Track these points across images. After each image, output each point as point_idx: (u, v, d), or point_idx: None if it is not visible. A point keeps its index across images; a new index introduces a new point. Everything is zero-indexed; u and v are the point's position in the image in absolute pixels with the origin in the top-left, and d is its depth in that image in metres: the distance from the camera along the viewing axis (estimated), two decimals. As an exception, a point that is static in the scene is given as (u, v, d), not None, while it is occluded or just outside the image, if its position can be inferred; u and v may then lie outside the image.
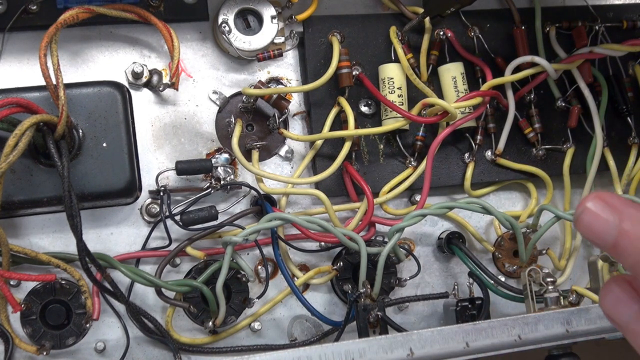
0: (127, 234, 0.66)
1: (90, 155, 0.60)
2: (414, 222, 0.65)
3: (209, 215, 0.64)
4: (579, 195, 0.76)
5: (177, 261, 0.66)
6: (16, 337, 0.61)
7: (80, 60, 0.66)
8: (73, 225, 0.54)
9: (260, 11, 0.68)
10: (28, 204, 0.59)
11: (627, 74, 0.77)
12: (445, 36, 0.72)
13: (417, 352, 0.48)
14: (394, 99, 0.69)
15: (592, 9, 0.76)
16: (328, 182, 0.69)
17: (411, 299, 0.66)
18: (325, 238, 0.67)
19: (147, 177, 0.66)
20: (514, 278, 0.73)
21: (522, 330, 0.52)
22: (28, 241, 0.63)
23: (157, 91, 0.67)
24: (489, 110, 0.73)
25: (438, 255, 0.73)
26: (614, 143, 0.76)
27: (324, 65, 0.69)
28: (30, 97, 0.58)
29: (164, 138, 0.67)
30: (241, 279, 0.65)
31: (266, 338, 0.68)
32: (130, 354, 0.65)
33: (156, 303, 0.65)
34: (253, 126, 0.70)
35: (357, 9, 0.73)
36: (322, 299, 0.70)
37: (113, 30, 0.67)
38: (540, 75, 0.72)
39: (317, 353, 0.48)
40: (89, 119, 0.60)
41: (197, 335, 0.67)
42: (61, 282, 0.61)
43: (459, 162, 0.73)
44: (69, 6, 0.60)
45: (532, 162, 0.74)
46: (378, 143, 0.71)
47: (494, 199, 0.75)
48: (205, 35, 0.69)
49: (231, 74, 0.69)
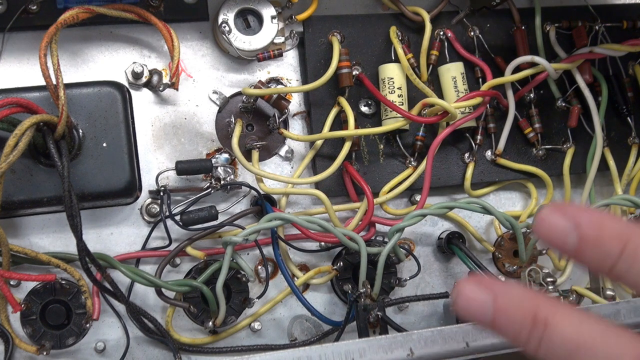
0: (127, 234, 0.66)
1: (90, 155, 0.60)
2: (414, 222, 0.65)
3: (209, 215, 0.64)
4: (579, 195, 0.76)
5: (177, 261, 0.66)
6: (16, 337, 0.61)
7: (80, 60, 0.66)
8: (73, 225, 0.54)
9: (260, 11, 0.68)
10: (28, 204, 0.59)
11: (627, 74, 0.77)
12: (445, 36, 0.72)
13: (417, 352, 0.48)
14: (394, 99, 0.69)
15: (592, 9, 0.76)
16: (328, 182, 0.69)
17: (411, 299, 0.66)
18: (325, 238, 0.67)
19: (147, 177, 0.66)
20: (514, 278, 0.73)
21: (522, 330, 0.52)
22: (28, 241, 0.63)
23: (157, 91, 0.67)
24: (489, 110, 0.73)
25: (438, 255, 0.73)
26: (614, 143, 0.76)
27: (324, 65, 0.69)
28: (30, 97, 0.58)
29: (164, 138, 0.67)
30: (241, 279, 0.65)
31: (266, 338, 0.68)
32: (130, 354, 0.65)
33: (156, 303, 0.65)
34: (253, 126, 0.70)
35: (357, 9, 0.73)
36: (322, 299, 0.70)
37: (113, 30, 0.67)
38: (540, 75, 0.72)
39: (317, 353, 0.48)
40: (89, 119, 0.60)
41: (197, 335, 0.67)
42: (61, 282, 0.61)
43: (459, 162, 0.73)
44: (69, 6, 0.60)
45: (532, 162, 0.74)
46: (378, 143, 0.71)
47: (494, 199, 0.75)
48: (205, 35, 0.69)
49: (231, 74, 0.69)
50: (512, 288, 0.31)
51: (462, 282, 0.32)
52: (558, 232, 0.31)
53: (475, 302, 0.31)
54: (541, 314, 0.30)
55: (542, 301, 0.31)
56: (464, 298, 0.32)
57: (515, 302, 0.31)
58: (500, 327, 0.31)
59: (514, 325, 0.31)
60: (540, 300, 0.31)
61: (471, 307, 0.32)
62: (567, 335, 0.30)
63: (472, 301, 0.31)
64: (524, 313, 0.31)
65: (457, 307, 0.32)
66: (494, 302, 0.31)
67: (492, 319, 0.31)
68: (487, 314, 0.31)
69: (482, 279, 0.32)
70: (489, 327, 0.32)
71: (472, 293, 0.32)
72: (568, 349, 0.30)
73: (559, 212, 0.31)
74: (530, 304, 0.31)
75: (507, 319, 0.31)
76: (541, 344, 0.30)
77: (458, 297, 0.32)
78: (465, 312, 0.32)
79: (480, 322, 0.32)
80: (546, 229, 0.31)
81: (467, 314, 0.32)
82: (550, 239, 0.31)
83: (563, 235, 0.31)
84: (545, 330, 0.30)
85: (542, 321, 0.30)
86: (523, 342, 0.31)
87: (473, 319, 0.32)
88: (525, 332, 0.30)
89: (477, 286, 0.32)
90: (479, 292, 0.31)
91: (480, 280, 0.32)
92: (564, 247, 0.31)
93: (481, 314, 0.31)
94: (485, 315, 0.31)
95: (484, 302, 0.31)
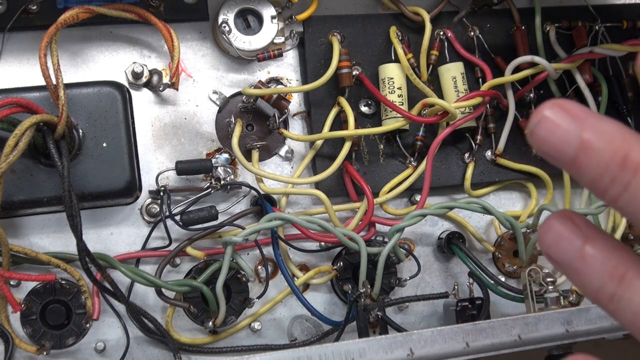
0: (127, 234, 0.66)
1: (90, 155, 0.60)
2: (414, 222, 0.65)
3: (209, 215, 0.64)
4: (579, 196, 0.76)
5: (177, 261, 0.66)
6: (16, 337, 0.61)
7: (80, 60, 0.66)
8: (73, 225, 0.54)
9: (260, 11, 0.68)
10: (28, 204, 0.59)
11: (627, 74, 0.77)
12: (445, 36, 0.72)
13: (417, 352, 0.48)
14: (394, 99, 0.69)
15: (592, 9, 0.75)
16: (328, 182, 0.69)
17: (411, 299, 0.66)
18: (325, 238, 0.67)
19: (147, 177, 0.66)
20: (514, 278, 0.73)
21: (522, 330, 0.52)
22: (28, 241, 0.63)
23: (157, 91, 0.67)
24: (489, 110, 0.73)
25: (438, 255, 0.73)
26: (614, 143, 0.75)
27: (324, 65, 0.69)
28: (30, 97, 0.58)
29: (164, 138, 0.67)
30: (241, 279, 0.65)
31: (266, 338, 0.68)
32: (130, 354, 0.65)
33: (156, 303, 0.65)
34: (253, 126, 0.70)
35: (357, 9, 0.73)
36: (322, 299, 0.70)
37: (113, 30, 0.67)
38: (540, 75, 0.72)
39: (317, 353, 0.48)
40: (89, 119, 0.60)
41: (197, 335, 0.67)
42: (61, 282, 0.61)
43: (459, 162, 0.73)
44: (69, 6, 0.60)
45: (532, 162, 0.74)
46: (378, 143, 0.71)
47: (494, 199, 0.75)
48: (205, 35, 0.69)
49: (231, 74, 0.69)
50: (604, 122, 0.27)
51: (547, 104, 0.27)
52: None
53: (559, 132, 0.27)
54: (634, 156, 0.26)
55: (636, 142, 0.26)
56: (546, 125, 0.27)
57: (607, 138, 0.26)
58: (582, 166, 0.27)
59: (598, 164, 0.26)
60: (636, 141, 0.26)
61: (553, 135, 0.27)
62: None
63: (556, 128, 0.27)
64: (614, 152, 0.26)
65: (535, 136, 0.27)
66: (581, 134, 0.27)
67: (575, 154, 0.27)
68: (570, 146, 0.27)
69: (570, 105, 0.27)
70: (568, 164, 0.27)
71: (558, 118, 0.27)
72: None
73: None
74: (623, 144, 0.26)
75: (592, 156, 0.26)
76: (626, 191, 0.26)
77: (540, 123, 0.27)
78: (544, 142, 0.27)
79: (559, 157, 0.27)
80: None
81: (546, 144, 0.27)
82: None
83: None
84: (635, 176, 0.26)
85: (634, 164, 0.26)
86: (603, 187, 0.27)
87: (552, 152, 0.27)
88: (610, 174, 0.26)
89: (565, 113, 0.27)
90: (566, 119, 0.27)
91: (568, 106, 0.27)
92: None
93: (563, 146, 0.27)
94: (568, 147, 0.27)
95: (570, 131, 0.27)
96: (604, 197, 0.27)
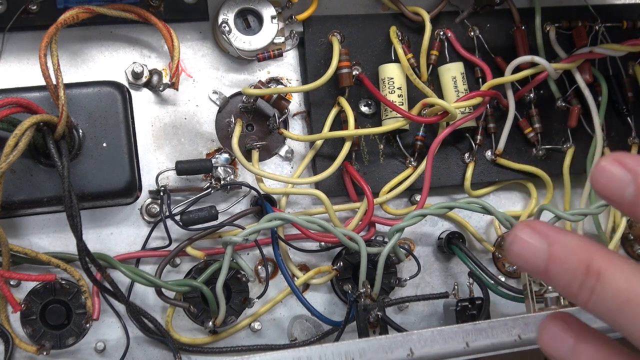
0: (127, 234, 0.66)
1: (90, 155, 0.60)
2: (414, 222, 0.64)
3: (209, 215, 0.64)
4: (579, 195, 0.76)
5: (177, 261, 0.66)
6: (16, 337, 0.61)
7: (80, 60, 0.66)
8: (73, 225, 0.54)
9: (260, 11, 0.68)
10: (28, 204, 0.59)
11: (627, 74, 0.77)
12: (445, 36, 0.72)
13: (417, 352, 0.48)
14: (394, 99, 0.69)
15: (592, 9, 0.75)
16: (328, 182, 0.69)
17: (411, 299, 0.66)
18: (325, 238, 0.67)
19: (147, 177, 0.66)
20: (514, 278, 0.73)
21: (522, 330, 0.52)
22: (28, 241, 0.63)
23: (157, 91, 0.67)
24: (489, 110, 0.73)
25: (438, 255, 0.73)
26: (614, 143, 0.76)
27: (324, 65, 0.69)
28: (30, 97, 0.58)
29: (164, 138, 0.67)
30: (241, 279, 0.65)
31: (266, 338, 0.68)
32: (130, 354, 0.65)
33: (156, 303, 0.65)
34: (253, 126, 0.70)
35: (357, 9, 0.73)
36: (322, 299, 0.70)
37: (113, 30, 0.67)
38: (540, 75, 0.72)
39: (317, 353, 0.48)
40: (89, 119, 0.60)
41: (197, 335, 0.67)
42: (61, 282, 0.61)
43: (459, 162, 0.73)
44: (69, 6, 0.60)
45: (532, 162, 0.74)
46: (378, 143, 0.71)
47: (494, 199, 0.75)
48: (205, 35, 0.69)
49: (231, 74, 0.69)
50: (567, 236, 0.31)
51: (519, 226, 0.32)
52: (616, 182, 0.30)
53: (531, 248, 0.31)
54: (595, 264, 0.29)
55: (596, 251, 0.30)
56: (519, 243, 0.31)
57: (570, 250, 0.30)
58: (553, 276, 0.31)
59: (566, 274, 0.30)
60: (595, 250, 0.30)
61: (526, 252, 0.31)
62: (619, 287, 0.29)
63: (528, 246, 0.31)
64: (578, 262, 0.30)
65: (511, 253, 0.32)
66: (548, 249, 0.30)
67: (545, 267, 0.31)
68: (540, 261, 0.31)
69: (538, 225, 0.31)
70: (541, 275, 0.31)
71: (528, 238, 0.31)
72: (618, 302, 0.29)
73: (619, 163, 0.30)
74: (585, 254, 0.30)
75: (560, 268, 0.30)
76: (592, 295, 0.30)
77: (513, 242, 0.31)
78: (518, 258, 0.31)
79: (532, 270, 0.31)
80: (605, 179, 0.30)
81: (521, 260, 0.31)
82: (607, 189, 0.30)
83: (621, 186, 0.30)
84: (598, 282, 0.29)
85: (596, 271, 0.29)
86: (574, 293, 0.30)
87: (525, 266, 0.31)
88: (578, 282, 0.30)
89: (533, 232, 0.31)
90: (535, 238, 0.31)
91: (536, 226, 0.31)
92: (620, 200, 0.30)
93: (535, 261, 0.31)
94: (538, 262, 0.31)
95: (539, 248, 0.31)
96: (577, 302, 0.31)
